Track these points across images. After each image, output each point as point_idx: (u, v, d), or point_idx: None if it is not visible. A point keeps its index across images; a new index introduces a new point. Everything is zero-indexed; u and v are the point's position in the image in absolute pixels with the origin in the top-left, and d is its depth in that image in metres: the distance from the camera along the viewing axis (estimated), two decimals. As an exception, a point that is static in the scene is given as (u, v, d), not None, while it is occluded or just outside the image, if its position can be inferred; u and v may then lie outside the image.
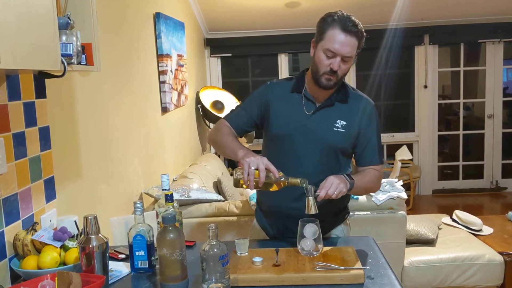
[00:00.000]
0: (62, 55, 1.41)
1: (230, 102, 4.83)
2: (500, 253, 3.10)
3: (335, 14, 1.68)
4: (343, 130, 1.71)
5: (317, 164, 1.71)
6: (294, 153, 1.72)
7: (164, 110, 3.39)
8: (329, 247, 1.60)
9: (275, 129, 1.76)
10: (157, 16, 3.29)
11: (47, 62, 1.32)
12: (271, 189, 1.57)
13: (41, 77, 1.63)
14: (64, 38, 1.45)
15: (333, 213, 1.84)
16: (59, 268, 1.45)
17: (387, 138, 5.80)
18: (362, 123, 1.74)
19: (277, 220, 1.83)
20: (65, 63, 1.41)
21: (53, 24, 1.34)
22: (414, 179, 5.19)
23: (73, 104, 2.03)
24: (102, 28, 2.08)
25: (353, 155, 1.82)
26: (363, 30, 1.68)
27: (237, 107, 1.88)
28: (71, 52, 1.46)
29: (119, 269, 1.58)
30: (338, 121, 1.72)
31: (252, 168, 1.51)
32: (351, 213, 2.83)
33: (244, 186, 1.54)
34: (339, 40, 1.62)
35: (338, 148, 1.73)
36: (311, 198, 1.52)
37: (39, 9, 1.27)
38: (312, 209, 1.51)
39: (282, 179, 1.54)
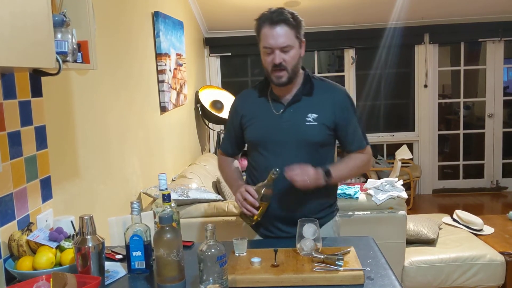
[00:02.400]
0: (57, 53, 1.39)
1: (230, 102, 4.81)
2: (501, 253, 3.09)
3: (262, 14, 1.70)
4: (316, 123, 1.71)
5: (298, 161, 1.69)
6: (274, 155, 1.73)
7: (163, 109, 3.37)
8: (329, 247, 1.58)
9: (250, 136, 1.80)
10: (156, 15, 3.27)
11: (41, 60, 1.30)
12: (265, 206, 1.69)
13: (36, 75, 1.61)
14: (59, 35, 1.43)
15: (317, 209, 1.80)
16: (54, 269, 1.43)
17: (387, 137, 5.79)
18: (336, 113, 1.73)
19: (266, 220, 1.81)
20: (60, 60, 1.39)
21: (48, 21, 1.32)
22: (414, 179, 5.18)
23: (70, 103, 2.01)
24: (99, 26, 2.06)
25: (339, 145, 1.85)
26: (295, 15, 1.67)
27: (224, 131, 1.95)
28: (66, 50, 1.44)
29: (116, 269, 1.56)
30: (309, 114, 1.71)
31: (241, 198, 1.66)
32: (350, 213, 2.82)
33: (245, 216, 1.71)
34: (270, 34, 1.63)
35: (315, 141, 1.72)
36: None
37: (33, 6, 1.26)
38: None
39: (264, 188, 1.65)
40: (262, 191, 1.65)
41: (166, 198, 1.60)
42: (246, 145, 1.90)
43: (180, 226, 1.64)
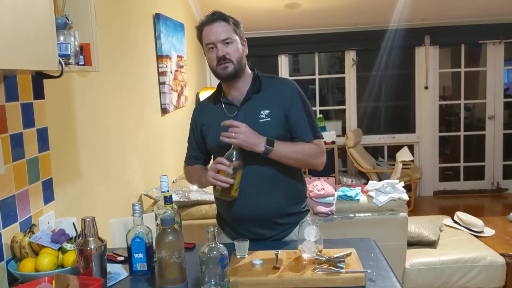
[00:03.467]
0: (60, 55, 1.39)
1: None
2: (502, 254, 3.09)
3: (202, 20, 1.77)
4: (269, 119, 1.72)
5: (259, 160, 1.69)
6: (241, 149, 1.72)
7: (164, 111, 3.37)
8: (330, 249, 1.58)
9: (210, 143, 1.82)
10: (157, 17, 3.28)
11: (44, 63, 1.31)
12: (239, 176, 1.65)
13: (38, 78, 1.62)
14: (62, 38, 1.43)
15: (286, 209, 1.79)
16: (56, 270, 1.43)
17: (387, 139, 5.79)
18: (285, 105, 1.74)
19: (238, 225, 1.81)
20: (63, 63, 1.39)
21: (51, 24, 1.33)
22: (415, 180, 5.18)
23: (72, 105, 2.02)
24: (101, 29, 2.07)
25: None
26: (226, 14, 1.76)
27: (187, 145, 2.01)
28: (69, 53, 1.44)
29: (118, 271, 1.56)
30: (262, 111, 1.73)
31: (213, 173, 1.64)
32: (351, 215, 2.83)
33: (222, 192, 1.67)
34: (209, 32, 1.71)
35: (271, 137, 1.70)
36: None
37: (36, 9, 1.26)
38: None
39: (232, 158, 1.64)
40: (233, 159, 1.63)
41: (168, 200, 1.60)
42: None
43: (181, 228, 1.64)
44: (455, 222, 3.62)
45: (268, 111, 1.72)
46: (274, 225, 1.78)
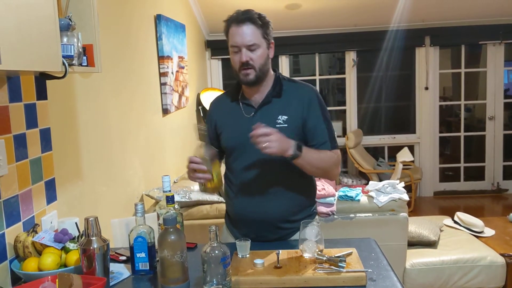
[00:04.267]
0: (63, 56, 1.40)
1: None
2: (502, 254, 3.10)
3: (230, 15, 1.70)
4: (286, 125, 1.68)
5: (269, 165, 1.68)
6: (247, 159, 1.71)
7: (165, 111, 3.39)
8: (331, 249, 1.59)
9: (225, 142, 1.80)
10: (158, 18, 3.29)
11: (48, 63, 1.32)
12: (216, 166, 1.64)
13: (42, 79, 1.63)
14: (65, 39, 1.44)
15: (292, 213, 1.78)
16: (60, 270, 1.44)
17: (388, 139, 5.80)
18: (304, 111, 1.70)
19: (244, 227, 1.81)
20: (66, 64, 1.40)
21: (54, 26, 1.34)
22: (415, 181, 5.18)
23: (74, 105, 2.03)
24: (103, 30, 2.08)
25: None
26: (262, 16, 1.68)
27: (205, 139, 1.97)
28: (72, 53, 1.45)
29: (120, 271, 1.57)
30: (279, 116, 1.69)
31: (190, 173, 1.64)
32: (352, 215, 2.83)
33: (205, 187, 1.67)
34: (236, 33, 1.64)
35: None
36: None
37: (40, 11, 1.27)
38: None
39: (203, 149, 1.64)
40: (203, 152, 1.61)
41: (170, 200, 1.61)
42: None
43: (183, 227, 1.65)
44: (455, 222, 3.63)
45: (286, 117, 1.69)
46: (277, 229, 1.77)
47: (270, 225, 1.76)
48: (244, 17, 1.64)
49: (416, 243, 3.20)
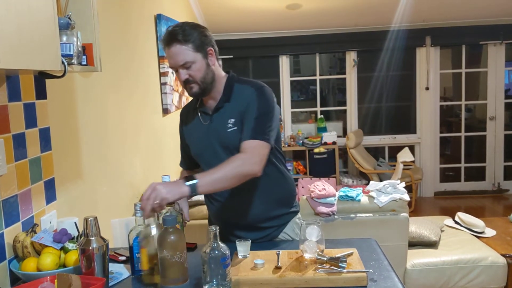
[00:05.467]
0: (63, 55, 1.40)
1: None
2: (503, 255, 3.09)
3: (163, 35, 1.67)
4: (235, 128, 1.68)
5: None
6: (213, 164, 1.65)
7: (165, 111, 3.38)
8: (332, 249, 1.59)
9: (191, 150, 1.82)
10: (158, 18, 3.28)
11: (47, 62, 1.31)
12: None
13: (41, 78, 1.62)
14: (64, 38, 1.44)
15: (271, 213, 1.78)
16: (59, 270, 1.43)
17: (388, 140, 5.79)
18: (242, 111, 1.67)
19: (225, 230, 1.77)
20: (66, 63, 1.40)
21: (54, 24, 1.33)
22: (416, 181, 5.18)
23: (74, 105, 2.02)
24: (103, 29, 2.07)
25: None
26: (188, 30, 1.62)
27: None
28: (72, 53, 1.45)
29: (120, 271, 1.56)
30: (229, 120, 1.69)
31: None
32: (352, 215, 2.83)
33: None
34: (168, 55, 1.64)
35: (238, 146, 1.65)
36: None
37: (39, 9, 1.27)
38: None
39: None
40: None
41: None
42: None
43: (183, 227, 1.65)
44: (456, 222, 3.62)
45: (233, 120, 1.68)
46: (257, 229, 1.78)
47: (250, 226, 1.77)
48: (170, 38, 1.61)
49: (416, 243, 3.19)
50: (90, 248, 1.36)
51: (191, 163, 1.90)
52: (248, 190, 1.72)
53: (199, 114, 1.78)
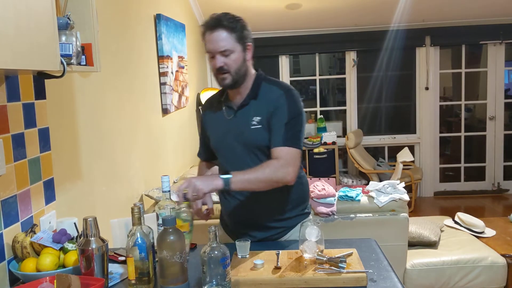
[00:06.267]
0: (62, 56, 1.40)
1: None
2: (503, 255, 3.09)
3: (206, 20, 1.70)
4: (260, 126, 1.68)
5: (249, 165, 1.67)
6: (228, 159, 1.74)
7: (165, 111, 3.38)
8: (332, 249, 1.58)
9: (211, 142, 1.84)
10: (158, 18, 3.28)
11: (46, 62, 1.31)
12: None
13: (40, 78, 1.62)
14: (63, 38, 1.44)
15: (283, 213, 1.78)
16: (58, 270, 1.43)
17: (388, 140, 5.79)
18: (270, 112, 1.68)
19: (235, 228, 1.84)
20: (65, 63, 1.39)
21: (53, 24, 1.33)
22: (415, 181, 5.18)
23: (73, 105, 2.02)
24: (102, 29, 2.07)
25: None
26: (236, 19, 1.67)
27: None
28: (71, 53, 1.45)
29: (119, 271, 1.56)
30: (254, 118, 1.70)
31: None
32: (352, 215, 2.83)
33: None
34: (209, 40, 1.66)
35: (261, 145, 1.68)
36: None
37: (38, 9, 1.26)
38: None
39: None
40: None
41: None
42: None
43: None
44: (455, 222, 3.62)
45: (259, 118, 1.69)
46: (268, 229, 1.78)
47: (259, 224, 1.78)
48: (216, 23, 1.64)
49: (416, 243, 3.19)
50: (90, 248, 1.36)
51: (210, 154, 1.92)
52: (266, 190, 1.71)
53: (224, 107, 1.78)
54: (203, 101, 4.55)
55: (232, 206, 1.80)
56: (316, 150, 5.41)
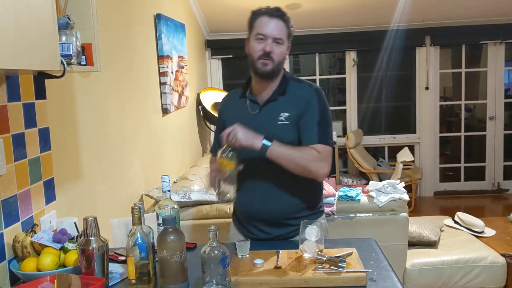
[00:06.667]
0: (62, 55, 1.40)
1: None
2: (503, 255, 3.09)
3: (261, 8, 1.75)
4: (288, 122, 1.71)
5: (269, 162, 1.68)
6: (249, 154, 1.71)
7: (165, 111, 3.38)
8: (331, 249, 1.58)
9: None
10: (158, 18, 3.28)
11: (46, 62, 1.31)
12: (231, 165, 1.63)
13: (40, 78, 1.62)
14: (64, 38, 1.44)
15: (297, 210, 1.79)
16: (58, 270, 1.43)
17: (388, 139, 5.79)
18: (301, 110, 1.71)
19: (249, 223, 1.84)
20: (65, 63, 1.40)
21: (53, 24, 1.33)
22: (415, 181, 5.18)
23: (73, 105, 2.02)
24: (102, 29, 2.07)
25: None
26: (288, 16, 1.73)
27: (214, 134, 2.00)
28: (71, 53, 1.45)
29: (119, 271, 1.56)
30: (282, 113, 1.72)
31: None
32: (352, 215, 2.83)
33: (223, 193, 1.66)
34: (267, 23, 1.69)
35: (286, 141, 1.69)
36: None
37: (38, 9, 1.27)
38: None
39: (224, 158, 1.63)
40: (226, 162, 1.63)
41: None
42: None
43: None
44: (455, 222, 3.62)
45: (287, 114, 1.71)
46: (281, 225, 1.78)
47: (274, 221, 1.77)
48: (278, 13, 1.70)
49: (416, 243, 3.19)
50: (90, 248, 1.36)
51: None
52: (280, 185, 1.74)
53: (248, 102, 1.79)
54: (203, 101, 4.55)
55: (248, 199, 1.78)
56: (316, 150, 5.39)
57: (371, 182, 3.17)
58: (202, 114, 4.63)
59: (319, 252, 1.49)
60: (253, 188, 1.76)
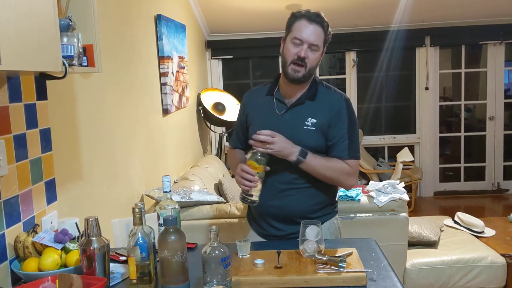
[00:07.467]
0: (63, 57, 1.40)
1: (231, 104, 4.83)
2: (503, 255, 3.09)
3: (301, 10, 1.75)
4: (314, 128, 1.71)
5: (289, 163, 1.70)
6: (271, 154, 1.72)
7: (165, 112, 3.39)
8: (332, 249, 1.59)
9: (251, 133, 1.81)
10: (158, 18, 3.29)
11: (48, 64, 1.32)
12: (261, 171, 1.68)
13: (42, 79, 1.63)
14: (65, 39, 1.44)
15: (312, 209, 1.80)
16: (60, 270, 1.44)
17: (388, 140, 5.80)
18: (331, 119, 1.73)
19: (262, 219, 1.85)
20: (66, 64, 1.40)
21: (54, 26, 1.34)
22: (415, 181, 5.18)
23: (74, 106, 2.03)
24: (103, 30, 2.08)
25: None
26: (327, 23, 1.74)
27: (234, 127, 2.00)
28: (72, 54, 1.45)
29: (120, 271, 1.57)
30: (309, 119, 1.72)
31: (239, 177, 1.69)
32: (352, 215, 2.83)
33: (245, 195, 1.72)
34: (305, 28, 1.69)
35: (311, 146, 1.71)
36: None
37: (40, 11, 1.27)
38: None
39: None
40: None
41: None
42: None
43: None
44: (455, 222, 3.62)
45: (315, 121, 1.72)
46: (295, 223, 1.77)
47: (289, 219, 1.78)
48: (319, 19, 1.71)
49: (416, 243, 3.19)
50: (91, 248, 1.37)
51: (243, 143, 1.94)
52: (296, 184, 1.75)
53: (275, 101, 1.79)
54: (203, 102, 4.56)
55: (264, 196, 1.77)
56: (316, 150, 5.40)
57: (371, 182, 3.18)
58: (202, 115, 4.64)
59: (319, 252, 1.50)
60: (271, 186, 1.75)
